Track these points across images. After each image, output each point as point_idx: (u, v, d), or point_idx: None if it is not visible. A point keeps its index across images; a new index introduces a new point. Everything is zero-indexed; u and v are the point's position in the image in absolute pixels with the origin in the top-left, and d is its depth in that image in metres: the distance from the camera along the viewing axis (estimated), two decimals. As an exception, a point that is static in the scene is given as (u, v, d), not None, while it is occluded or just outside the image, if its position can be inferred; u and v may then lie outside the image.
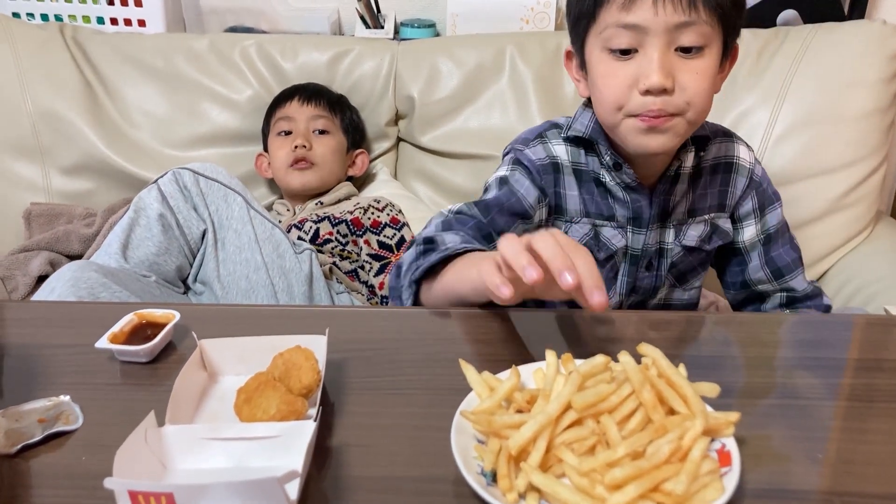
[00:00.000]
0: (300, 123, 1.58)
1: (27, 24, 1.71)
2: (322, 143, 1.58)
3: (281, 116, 1.60)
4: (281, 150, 1.58)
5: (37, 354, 0.76)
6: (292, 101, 1.60)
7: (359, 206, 1.54)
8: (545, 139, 1.06)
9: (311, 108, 1.59)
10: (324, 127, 1.59)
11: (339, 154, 1.62)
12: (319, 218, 1.51)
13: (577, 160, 1.05)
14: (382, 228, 1.52)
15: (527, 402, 0.62)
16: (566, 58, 1.05)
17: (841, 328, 0.86)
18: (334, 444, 0.63)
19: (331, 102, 1.62)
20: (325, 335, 0.70)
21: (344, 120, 1.63)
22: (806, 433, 0.66)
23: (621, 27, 0.91)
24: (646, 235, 1.06)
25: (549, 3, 1.75)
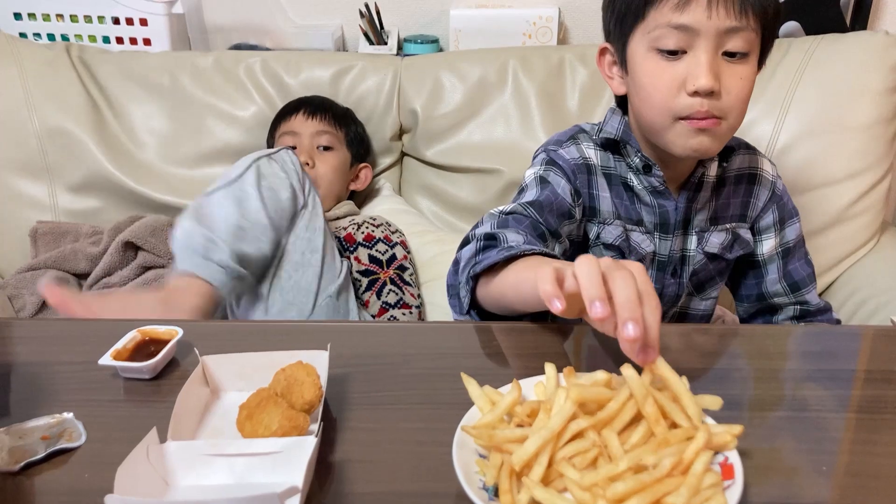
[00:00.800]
0: (304, 138, 1.56)
1: (34, 43, 1.73)
2: (325, 160, 1.56)
3: (286, 130, 1.58)
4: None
5: (41, 372, 0.76)
6: (297, 115, 1.58)
7: (353, 222, 1.52)
8: (577, 141, 1.07)
9: (315, 123, 1.57)
10: (328, 143, 1.57)
11: (342, 171, 1.60)
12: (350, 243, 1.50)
13: (606, 164, 1.06)
14: (375, 243, 1.50)
15: (528, 416, 0.61)
16: (599, 54, 1.04)
17: (847, 340, 0.86)
18: (336, 459, 0.63)
19: (336, 116, 1.60)
20: (326, 350, 0.70)
21: (349, 134, 1.61)
22: (811, 446, 0.65)
23: (673, 27, 0.91)
24: (671, 241, 1.07)
25: (551, 17, 1.76)
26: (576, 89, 1.61)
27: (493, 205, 1.60)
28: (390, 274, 1.47)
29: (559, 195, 1.01)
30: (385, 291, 1.45)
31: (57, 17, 1.79)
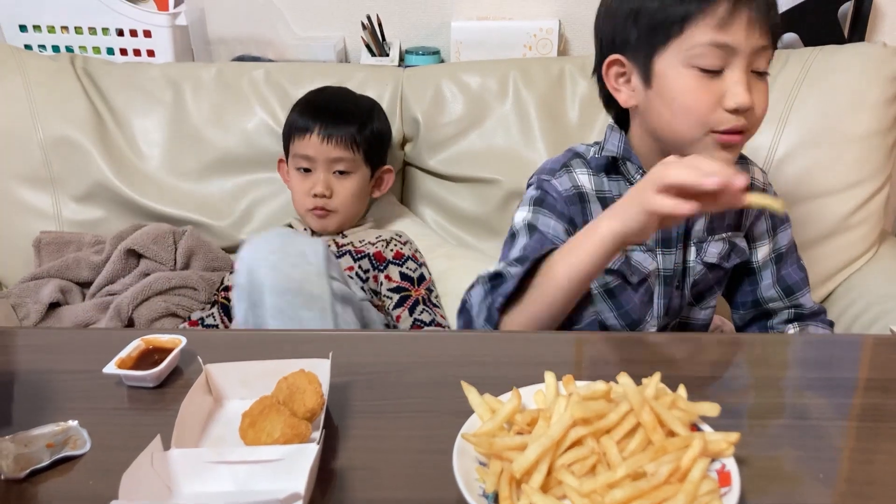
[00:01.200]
0: (319, 164, 1.48)
1: (38, 55, 1.74)
2: (343, 186, 1.49)
3: (300, 153, 1.49)
4: (300, 186, 1.50)
5: (46, 380, 0.77)
6: (312, 135, 1.47)
7: (381, 238, 1.50)
8: (570, 168, 1.07)
9: (331, 148, 1.46)
10: (345, 168, 1.48)
11: (362, 193, 1.53)
12: (340, 250, 1.48)
13: (600, 188, 1.06)
14: (405, 261, 1.48)
15: (527, 425, 0.62)
16: (607, 66, 1.03)
17: (846, 348, 0.86)
18: (337, 466, 0.63)
19: (352, 135, 1.48)
20: (328, 359, 0.71)
21: (368, 145, 1.51)
22: (810, 453, 0.66)
23: (714, 46, 0.93)
24: (674, 255, 1.08)
25: (551, 29, 1.78)
26: (576, 100, 1.62)
27: (494, 216, 1.62)
28: (422, 293, 1.45)
29: (548, 239, 1.03)
30: (418, 310, 1.43)
31: (62, 28, 1.81)
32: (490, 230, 1.64)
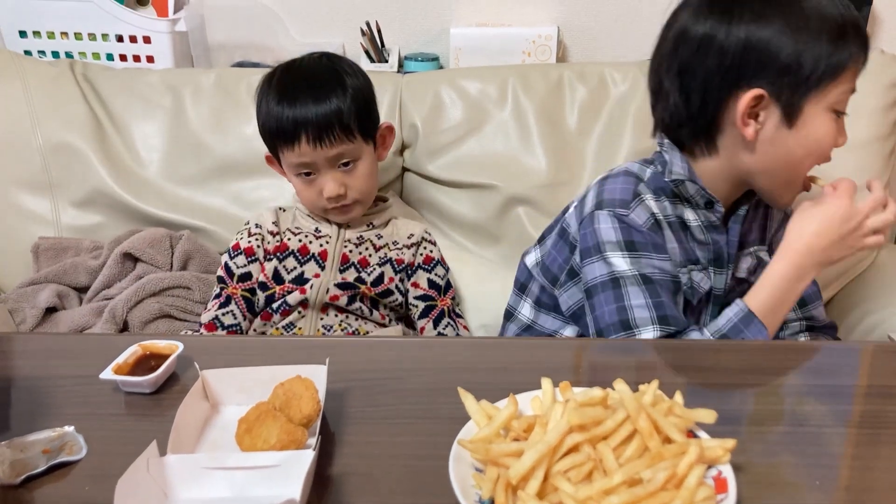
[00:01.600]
0: (322, 166, 1.31)
1: (38, 60, 1.74)
2: (355, 176, 1.33)
3: (297, 163, 1.32)
4: (308, 191, 1.34)
5: (42, 385, 0.77)
6: (300, 144, 1.29)
7: (412, 238, 1.42)
8: (641, 196, 1.05)
9: (326, 150, 1.28)
10: (350, 159, 1.31)
11: (373, 169, 1.38)
12: (382, 258, 1.38)
13: (665, 213, 1.05)
14: (434, 266, 1.40)
15: (524, 431, 0.62)
16: (751, 100, 0.99)
17: (846, 355, 0.86)
18: (333, 472, 0.63)
19: (343, 125, 1.29)
20: (325, 365, 0.71)
21: (362, 124, 1.32)
22: (808, 460, 0.66)
23: (851, 91, 1.00)
24: (726, 275, 1.09)
25: (550, 36, 1.78)
26: (575, 107, 1.62)
27: (492, 222, 1.62)
28: (448, 303, 1.39)
29: (667, 284, 1.02)
30: (443, 323, 1.37)
31: (61, 34, 1.81)
32: (489, 236, 1.64)
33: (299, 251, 1.39)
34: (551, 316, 1.18)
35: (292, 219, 1.44)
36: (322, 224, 1.41)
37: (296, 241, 1.40)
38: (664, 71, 1.06)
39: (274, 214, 1.44)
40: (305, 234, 1.40)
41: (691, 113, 1.03)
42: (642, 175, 1.08)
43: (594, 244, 1.04)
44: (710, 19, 1.00)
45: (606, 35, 1.87)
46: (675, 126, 1.06)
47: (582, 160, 1.61)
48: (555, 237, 1.17)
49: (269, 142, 1.35)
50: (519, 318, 1.23)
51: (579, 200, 1.13)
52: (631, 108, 1.60)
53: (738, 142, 1.02)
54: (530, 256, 1.23)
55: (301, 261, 1.38)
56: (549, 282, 1.16)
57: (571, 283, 1.11)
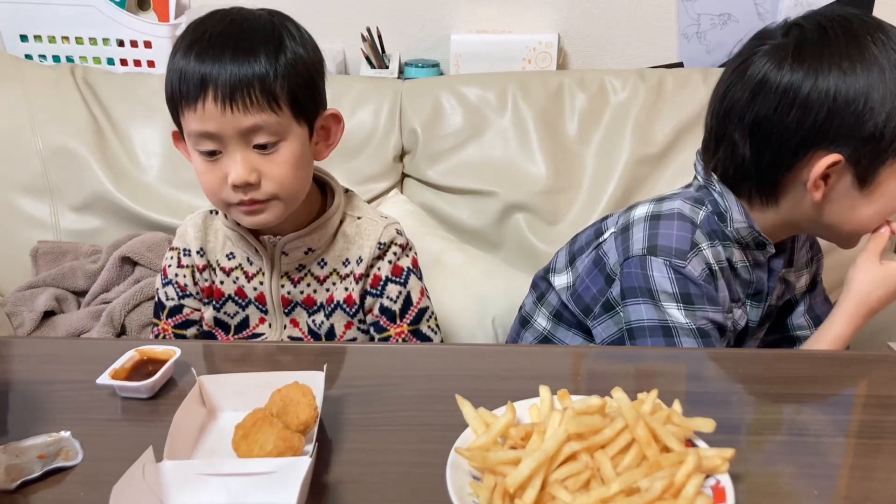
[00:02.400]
0: (230, 140, 0.96)
1: (39, 65, 1.75)
2: (274, 161, 0.98)
3: (196, 130, 0.97)
4: (210, 175, 0.99)
5: (39, 390, 0.77)
6: (205, 102, 0.94)
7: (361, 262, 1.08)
8: (698, 247, 1.00)
9: (238, 116, 0.94)
10: (268, 139, 0.97)
11: (303, 161, 1.01)
12: (328, 299, 1.09)
13: (718, 259, 1.02)
14: (383, 286, 1.08)
15: (521, 439, 0.62)
16: (827, 166, 0.94)
17: (844, 365, 0.86)
18: (330, 480, 0.63)
19: (265, 86, 0.95)
20: (322, 371, 0.70)
21: (295, 97, 0.98)
22: (805, 470, 0.66)
23: None
24: (762, 308, 1.08)
25: (550, 43, 1.78)
26: (574, 114, 1.62)
27: (491, 228, 1.62)
28: (403, 331, 1.10)
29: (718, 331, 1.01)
30: None
31: (62, 38, 1.81)
32: (487, 242, 1.64)
33: (236, 294, 1.11)
34: (572, 332, 1.15)
35: (222, 240, 1.12)
36: (249, 249, 1.09)
37: (230, 283, 1.11)
38: (734, 120, 0.98)
39: (200, 234, 1.12)
40: (239, 268, 1.11)
41: (760, 169, 0.98)
42: (695, 218, 1.02)
43: (644, 288, 1.00)
44: (797, 69, 0.93)
45: (607, 42, 1.88)
46: (740, 178, 1.01)
47: (581, 167, 1.61)
48: (588, 265, 1.11)
49: (172, 106, 1.01)
50: (535, 328, 1.20)
51: (619, 230, 1.06)
52: (630, 116, 1.60)
53: (801, 199, 0.98)
54: (560, 278, 1.16)
55: (241, 304, 1.12)
56: (581, 311, 1.11)
57: (607, 317, 1.07)
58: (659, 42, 1.87)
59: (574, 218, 1.59)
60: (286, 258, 1.07)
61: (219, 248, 1.12)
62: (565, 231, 1.50)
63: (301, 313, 1.10)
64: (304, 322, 1.10)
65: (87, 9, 1.75)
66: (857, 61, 0.91)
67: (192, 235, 1.12)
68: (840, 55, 0.91)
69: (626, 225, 1.05)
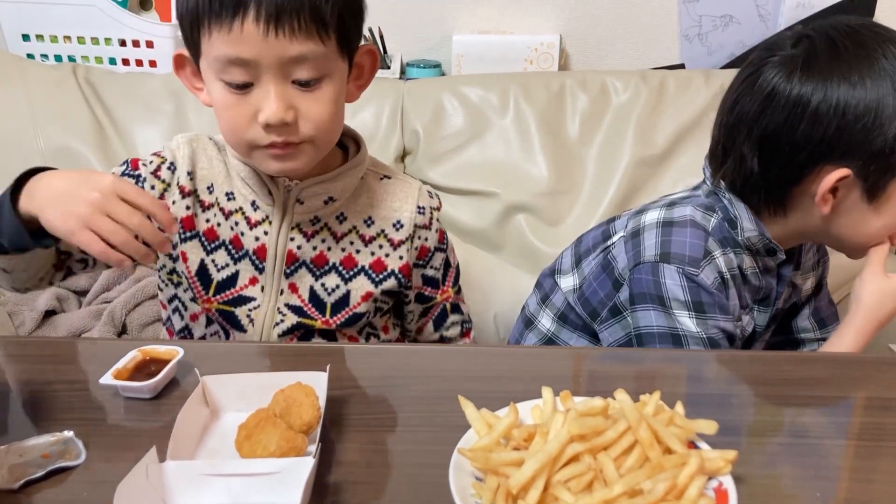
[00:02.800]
0: (267, 70, 0.83)
1: (41, 64, 1.75)
2: (316, 100, 0.86)
3: (226, 55, 0.83)
4: (235, 111, 0.86)
5: (42, 390, 0.77)
6: (244, 21, 0.80)
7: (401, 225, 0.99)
8: (711, 255, 1.00)
9: (283, 42, 0.81)
10: (312, 74, 0.85)
11: (342, 100, 0.92)
12: (347, 258, 0.99)
13: (731, 267, 1.02)
14: (430, 257, 1.03)
15: (524, 440, 0.62)
16: (835, 179, 0.94)
17: (846, 367, 0.86)
18: (333, 480, 0.63)
19: (315, 10, 0.82)
20: (325, 372, 0.70)
21: (343, 27, 0.86)
22: (808, 472, 0.66)
23: None
24: (769, 311, 1.08)
25: (552, 44, 1.78)
26: (576, 115, 1.62)
27: (492, 229, 1.62)
28: (449, 295, 1.07)
29: (727, 340, 1.01)
30: (447, 324, 1.10)
31: (64, 38, 1.81)
32: (488, 243, 1.64)
33: (231, 243, 0.98)
34: (577, 334, 1.15)
35: (222, 171, 0.98)
36: (261, 191, 0.96)
37: (227, 227, 0.97)
38: (743, 132, 0.98)
39: (191, 157, 0.98)
40: (240, 211, 0.97)
41: (768, 183, 0.98)
42: (706, 225, 1.02)
43: (655, 294, 0.99)
44: (806, 81, 0.93)
45: (609, 44, 1.88)
46: (749, 191, 1.01)
47: (583, 168, 1.61)
48: (596, 268, 1.10)
49: (191, 19, 0.85)
50: (539, 329, 1.20)
51: (629, 234, 1.06)
52: (632, 117, 1.60)
53: (809, 212, 0.98)
54: (567, 280, 1.16)
55: (234, 256, 0.98)
56: (587, 314, 1.11)
57: (615, 321, 1.07)
58: (660, 43, 1.87)
59: (575, 219, 1.59)
60: (300, 207, 0.96)
61: (217, 182, 0.98)
62: (566, 232, 1.51)
63: (304, 276, 0.98)
64: (307, 287, 0.98)
65: (89, 8, 1.75)
66: (866, 75, 0.90)
67: (185, 154, 0.98)
68: (850, 68, 0.91)
69: (636, 230, 1.05)
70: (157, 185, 0.97)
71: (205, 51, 0.85)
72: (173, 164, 0.98)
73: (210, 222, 0.98)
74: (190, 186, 0.97)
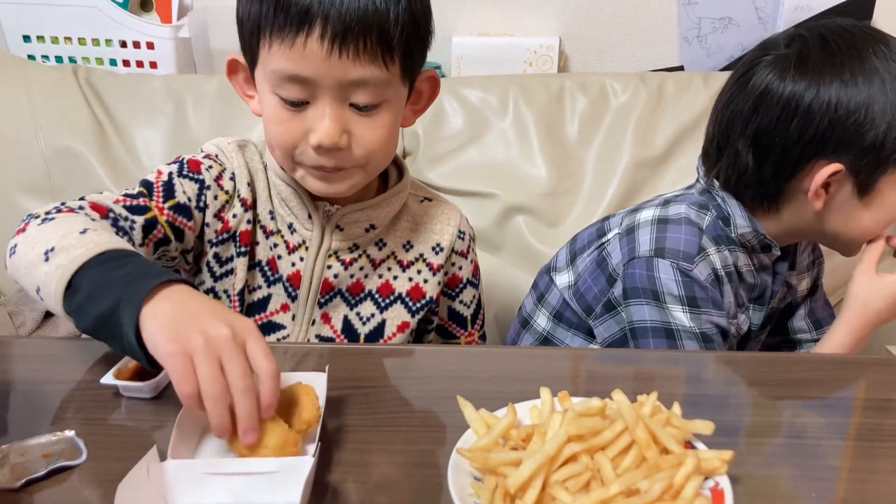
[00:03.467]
0: (325, 91, 0.81)
1: (42, 65, 1.75)
2: (372, 126, 0.84)
3: (285, 71, 0.80)
4: (286, 127, 0.84)
5: (42, 390, 0.77)
6: (309, 37, 0.78)
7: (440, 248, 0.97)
8: (705, 252, 1.01)
9: (346, 63, 0.79)
10: (371, 99, 0.82)
11: (397, 126, 0.89)
12: (384, 287, 0.96)
13: (725, 264, 1.03)
14: (462, 288, 1.00)
15: (522, 440, 0.62)
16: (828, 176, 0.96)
17: (843, 368, 0.87)
18: (332, 480, 0.64)
19: (384, 35, 0.79)
20: (325, 372, 0.71)
21: (408, 54, 0.83)
22: (804, 472, 0.66)
23: None
24: (764, 311, 1.08)
25: (552, 46, 1.79)
26: (575, 117, 1.63)
27: (492, 230, 1.63)
28: (474, 339, 1.04)
29: (721, 336, 1.01)
30: None
31: (65, 39, 1.82)
32: (488, 244, 1.64)
33: (268, 264, 0.94)
34: (571, 332, 1.15)
35: (266, 188, 0.94)
36: (301, 214, 0.92)
37: (267, 248, 0.94)
38: (737, 130, 1.00)
39: (243, 160, 0.94)
40: (278, 233, 0.94)
41: (762, 179, 1.00)
42: (700, 223, 1.03)
43: (649, 289, 1.00)
44: (799, 80, 0.94)
45: (608, 46, 1.88)
46: (743, 187, 1.02)
47: (582, 170, 1.62)
48: (590, 264, 1.11)
49: (251, 27, 0.83)
50: (535, 329, 1.21)
51: (624, 231, 1.07)
52: (631, 119, 1.61)
53: (802, 208, 1.00)
54: (562, 276, 1.17)
55: (269, 279, 0.95)
56: (583, 310, 1.12)
57: (609, 316, 1.08)
58: (660, 45, 1.88)
59: (574, 220, 1.60)
60: (340, 233, 0.92)
61: (262, 199, 0.93)
62: (566, 233, 1.51)
63: (339, 305, 0.94)
64: (340, 316, 0.94)
65: (90, 10, 1.76)
66: (858, 73, 0.92)
67: (240, 162, 0.92)
68: (842, 66, 0.93)
69: (630, 227, 1.06)
70: (219, 196, 0.91)
71: (262, 61, 0.82)
72: (234, 175, 0.93)
73: (254, 242, 0.94)
74: (251, 198, 0.92)
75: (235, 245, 0.92)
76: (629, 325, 1.02)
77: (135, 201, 0.89)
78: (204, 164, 0.92)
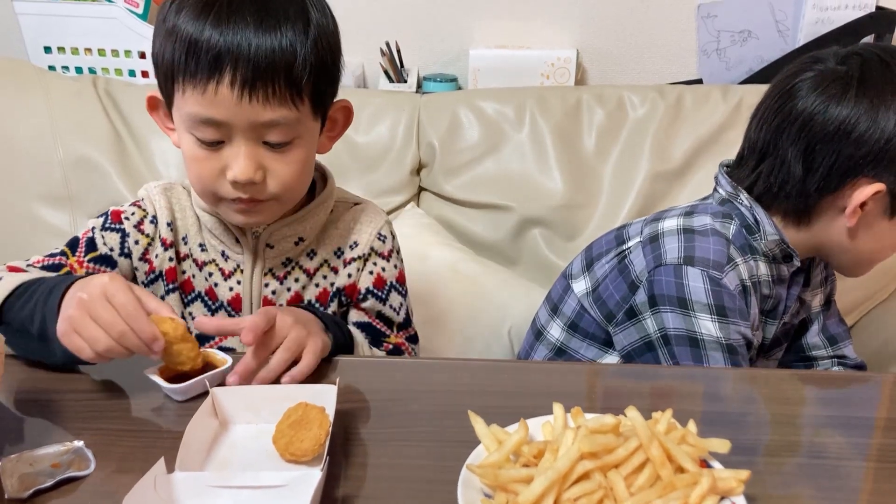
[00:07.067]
0: (238, 131, 0.84)
1: (61, 75, 1.77)
2: (284, 162, 0.87)
3: (199, 115, 0.83)
4: (203, 165, 0.87)
5: (53, 400, 0.77)
6: (220, 84, 0.80)
7: (357, 248, 0.99)
8: (734, 262, 1.00)
9: (257, 108, 0.82)
10: (283, 138, 0.86)
11: (312, 159, 0.93)
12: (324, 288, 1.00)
13: (752, 274, 1.02)
14: (388, 292, 1.01)
15: (534, 457, 0.61)
16: (870, 193, 0.96)
17: (864, 386, 0.85)
18: (341, 494, 0.63)
19: (291, 78, 0.83)
20: (335, 385, 0.70)
21: (317, 91, 0.87)
22: (823, 493, 0.65)
23: None
24: (777, 324, 1.07)
25: (569, 59, 1.78)
26: (592, 130, 1.62)
27: (507, 243, 1.62)
28: (402, 343, 1.04)
29: (745, 346, 1.01)
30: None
31: (85, 50, 1.84)
32: (503, 257, 1.64)
33: (206, 294, 0.98)
34: (586, 342, 1.14)
35: (195, 223, 0.99)
36: (229, 241, 0.97)
37: (202, 279, 0.98)
38: (788, 139, 0.99)
39: (168, 207, 0.98)
40: (213, 263, 0.98)
41: (805, 190, 0.99)
42: (726, 233, 1.02)
43: (676, 297, 0.99)
44: (860, 101, 0.95)
45: (625, 58, 1.88)
46: (783, 196, 1.01)
47: (599, 183, 1.61)
48: (611, 271, 1.10)
49: (166, 71, 0.84)
50: (548, 340, 1.19)
51: (647, 239, 1.06)
52: (649, 132, 1.60)
53: (832, 222, 1.00)
54: (579, 283, 1.15)
55: (210, 307, 0.99)
56: (603, 317, 1.10)
57: (630, 324, 1.06)
58: (678, 58, 1.87)
59: (591, 234, 1.58)
60: (271, 252, 0.96)
61: (191, 234, 0.98)
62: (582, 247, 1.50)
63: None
64: None
65: (109, 21, 1.78)
66: None
67: (162, 205, 0.98)
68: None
69: (653, 235, 1.05)
70: (140, 240, 0.97)
71: (177, 104, 0.85)
72: (155, 218, 0.98)
73: (186, 273, 0.98)
74: (171, 238, 0.97)
75: (164, 283, 0.98)
76: (655, 332, 1.01)
77: (52, 260, 0.95)
78: (126, 213, 0.98)
